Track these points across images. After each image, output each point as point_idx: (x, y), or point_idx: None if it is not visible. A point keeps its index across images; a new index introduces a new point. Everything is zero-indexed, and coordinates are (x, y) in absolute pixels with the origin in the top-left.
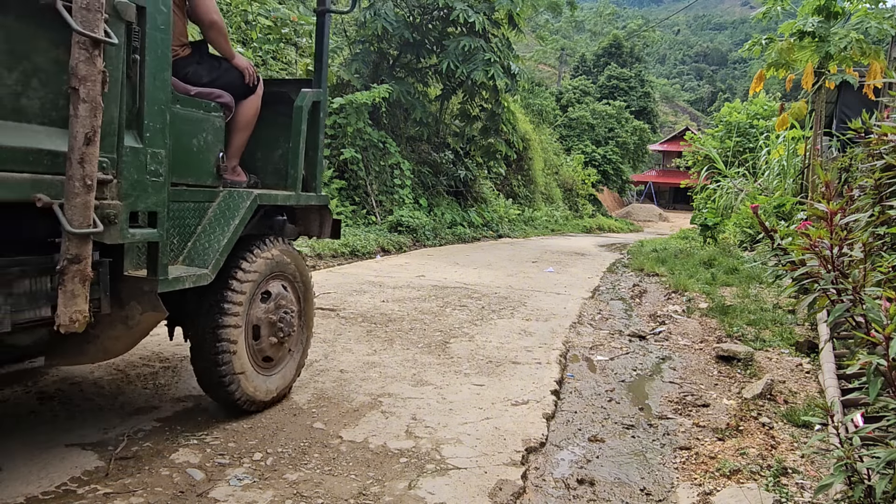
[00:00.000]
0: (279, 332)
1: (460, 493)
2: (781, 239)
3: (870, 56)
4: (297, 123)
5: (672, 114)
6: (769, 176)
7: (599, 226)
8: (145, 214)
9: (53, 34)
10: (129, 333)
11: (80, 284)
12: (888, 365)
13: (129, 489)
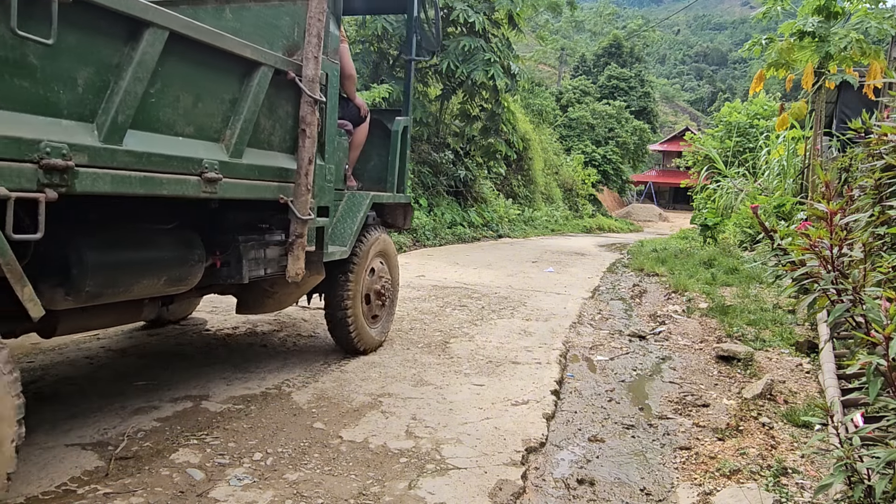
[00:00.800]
0: (381, 296)
1: (460, 493)
2: (781, 239)
3: (870, 56)
4: (393, 143)
5: (672, 114)
6: (769, 176)
7: (599, 226)
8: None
9: (289, 96)
10: (298, 290)
11: (300, 251)
12: (888, 365)
13: (129, 489)
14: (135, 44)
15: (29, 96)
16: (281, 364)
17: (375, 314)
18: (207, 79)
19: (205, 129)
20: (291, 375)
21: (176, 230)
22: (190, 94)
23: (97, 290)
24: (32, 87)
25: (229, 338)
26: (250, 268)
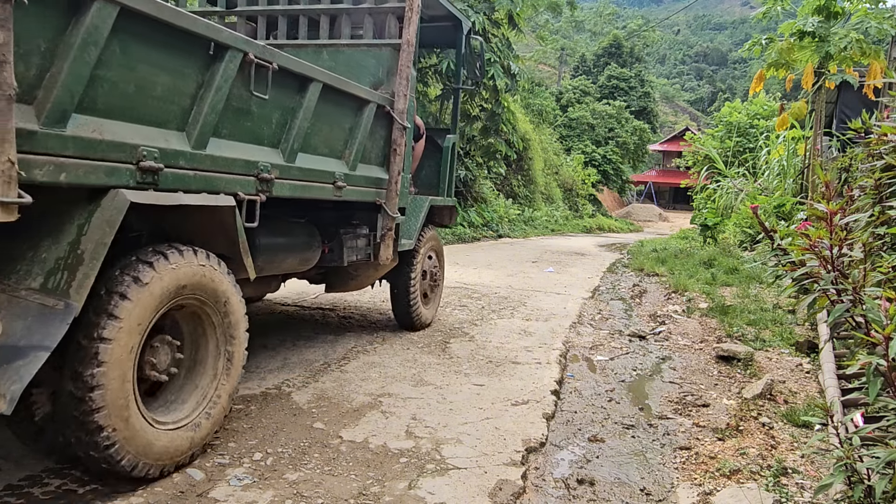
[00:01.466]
0: (433, 281)
1: (460, 493)
2: (781, 239)
3: (870, 56)
4: (444, 156)
5: (672, 114)
6: (769, 176)
7: (599, 226)
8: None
9: (384, 124)
10: (375, 273)
11: (390, 241)
12: (888, 365)
13: (129, 489)
14: (303, 93)
15: (251, 133)
16: (281, 364)
17: (428, 296)
18: (338, 113)
19: (335, 149)
20: (291, 375)
21: (304, 224)
22: (329, 124)
23: (263, 264)
24: (253, 126)
25: None
26: (348, 254)
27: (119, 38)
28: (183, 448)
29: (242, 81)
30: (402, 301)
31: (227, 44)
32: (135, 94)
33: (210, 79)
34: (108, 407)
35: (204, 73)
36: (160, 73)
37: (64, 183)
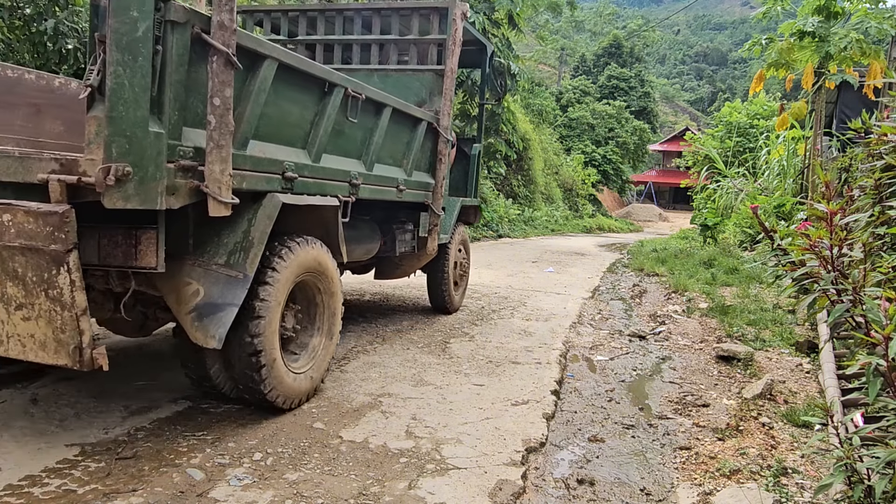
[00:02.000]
0: (462, 271)
1: (460, 493)
2: (781, 239)
3: (870, 56)
4: (472, 163)
5: (672, 114)
6: (769, 176)
7: (599, 226)
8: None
9: (431, 137)
10: (417, 263)
11: (436, 235)
12: (888, 365)
13: (129, 489)
14: (379, 116)
15: (345, 148)
16: None
17: (458, 283)
18: (401, 130)
19: (397, 159)
20: None
21: (369, 221)
22: (394, 139)
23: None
24: (346, 143)
25: None
26: (399, 247)
27: (274, 85)
28: (304, 389)
29: (342, 109)
30: (436, 288)
31: (335, 82)
32: (280, 123)
33: (323, 108)
34: (265, 350)
35: (319, 105)
36: (294, 107)
37: (244, 189)
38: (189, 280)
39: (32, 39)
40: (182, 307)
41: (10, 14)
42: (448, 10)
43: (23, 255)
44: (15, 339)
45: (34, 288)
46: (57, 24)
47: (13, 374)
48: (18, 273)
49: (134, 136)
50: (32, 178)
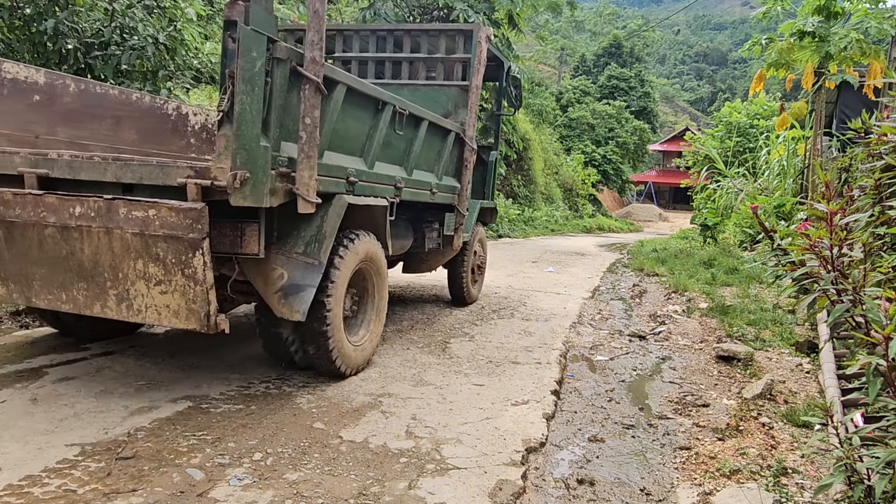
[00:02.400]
0: (480, 267)
1: (460, 493)
2: (781, 239)
3: (870, 56)
4: (489, 168)
5: (672, 114)
6: (769, 176)
7: (599, 226)
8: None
9: (458, 146)
10: (441, 259)
11: (460, 233)
12: (888, 365)
13: (129, 489)
14: (418, 128)
15: (391, 156)
16: (281, 363)
17: (476, 279)
18: (434, 140)
19: (430, 166)
20: (292, 375)
21: (403, 220)
22: (428, 148)
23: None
24: (393, 152)
25: (229, 338)
26: (427, 243)
27: (343, 105)
28: (360, 361)
29: (391, 123)
30: (457, 282)
31: (387, 101)
32: (345, 136)
33: (376, 123)
34: (333, 325)
35: (374, 120)
36: (355, 122)
37: (320, 191)
38: (275, 266)
39: (32, 39)
40: (269, 288)
41: (10, 14)
42: (473, 33)
43: (165, 241)
44: (152, 309)
45: (172, 268)
46: (57, 24)
47: (13, 374)
48: (160, 256)
49: (251, 149)
50: (172, 181)
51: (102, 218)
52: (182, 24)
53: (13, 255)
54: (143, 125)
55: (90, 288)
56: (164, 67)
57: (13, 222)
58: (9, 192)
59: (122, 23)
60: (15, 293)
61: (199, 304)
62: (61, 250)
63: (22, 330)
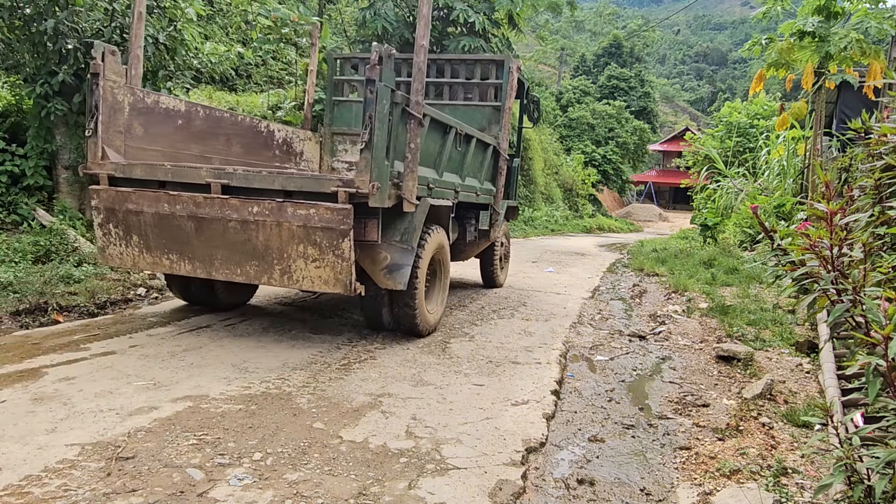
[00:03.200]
0: (506, 254)
1: (460, 493)
2: (781, 239)
3: (870, 56)
4: (513, 173)
5: (672, 114)
6: (769, 176)
7: (599, 226)
8: None
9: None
10: (475, 250)
11: (497, 227)
12: (887, 365)
13: (129, 489)
14: (469, 144)
15: (452, 167)
16: (281, 364)
17: (503, 266)
18: (478, 152)
19: (475, 173)
20: (291, 375)
21: (453, 217)
22: (474, 159)
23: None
24: (452, 163)
25: (229, 338)
26: (468, 236)
27: (428, 131)
28: (431, 323)
29: (453, 142)
30: (488, 269)
31: (453, 125)
32: (427, 153)
33: (444, 142)
34: (419, 295)
35: (443, 140)
36: (433, 142)
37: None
38: (381, 251)
39: (32, 39)
40: (377, 267)
41: (10, 14)
42: (505, 63)
43: (322, 231)
44: (308, 279)
45: (326, 250)
46: (57, 24)
47: (13, 374)
48: (317, 241)
49: (381, 167)
50: (325, 189)
51: (275, 214)
52: (182, 24)
53: (200, 242)
54: (245, 141)
55: (260, 265)
56: (164, 67)
57: (203, 218)
58: (200, 196)
59: (122, 23)
60: (199, 269)
61: (345, 275)
62: (239, 238)
63: (22, 330)
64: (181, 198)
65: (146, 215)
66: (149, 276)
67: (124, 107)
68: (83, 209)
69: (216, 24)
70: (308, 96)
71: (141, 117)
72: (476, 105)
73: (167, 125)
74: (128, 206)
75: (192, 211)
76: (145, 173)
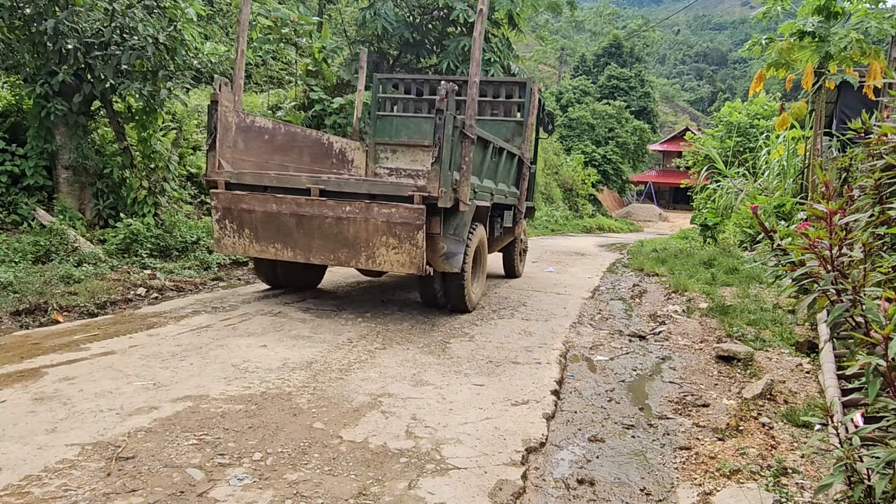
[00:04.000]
0: (524, 248)
1: (460, 493)
2: (781, 239)
3: (870, 56)
4: (530, 177)
5: (672, 114)
6: (769, 176)
7: (599, 226)
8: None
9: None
10: (500, 244)
11: (521, 223)
12: (887, 365)
13: (129, 489)
14: (501, 155)
15: (489, 174)
16: (281, 363)
17: (521, 259)
18: (507, 162)
19: (505, 178)
20: (291, 375)
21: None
22: (504, 167)
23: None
24: (489, 172)
25: (229, 338)
26: (495, 232)
27: (476, 147)
28: (475, 302)
29: (491, 154)
30: (509, 261)
31: (491, 141)
32: (474, 164)
33: (485, 154)
34: (467, 279)
35: (484, 153)
36: (477, 155)
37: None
38: (440, 241)
39: (32, 39)
40: (436, 254)
41: (10, 14)
42: (527, 84)
43: (401, 226)
44: (388, 262)
45: (403, 239)
46: (57, 24)
47: (13, 374)
48: (396, 233)
49: (446, 176)
50: (403, 193)
51: (363, 212)
52: (182, 24)
53: (300, 234)
54: (312, 151)
55: (350, 251)
56: (164, 67)
57: (303, 215)
58: (302, 198)
59: (122, 23)
60: (299, 255)
61: (418, 259)
62: (333, 231)
63: (22, 330)
64: (285, 199)
65: (256, 213)
66: (149, 276)
67: (232, 126)
68: (83, 209)
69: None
70: (356, 112)
71: (242, 134)
72: (502, 120)
73: (258, 140)
74: (241, 205)
75: (294, 210)
76: (254, 180)
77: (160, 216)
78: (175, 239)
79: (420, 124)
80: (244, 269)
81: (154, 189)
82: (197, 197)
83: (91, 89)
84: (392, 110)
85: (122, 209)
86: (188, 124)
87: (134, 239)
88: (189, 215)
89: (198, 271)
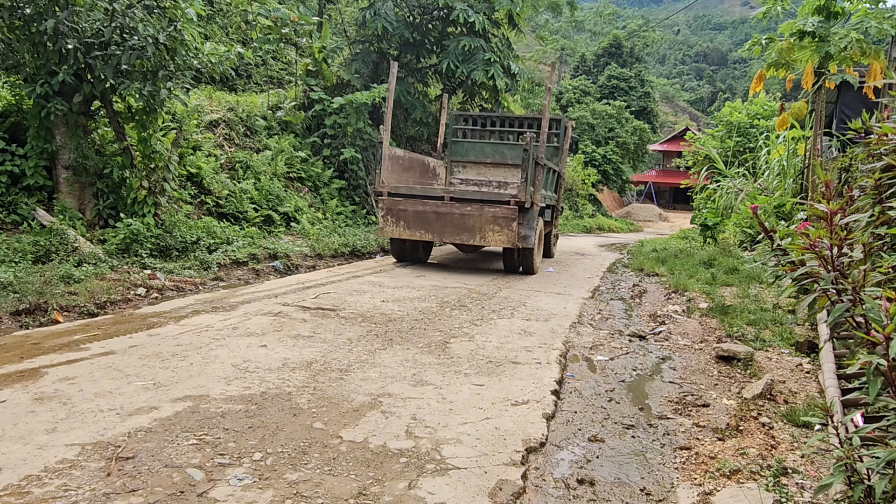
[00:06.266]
0: (552, 241)
1: (460, 493)
2: (781, 239)
3: (870, 56)
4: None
5: (672, 114)
6: (769, 176)
7: (599, 226)
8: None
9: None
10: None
11: (558, 218)
12: (888, 365)
13: (129, 489)
14: (551, 172)
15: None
16: (281, 363)
17: (554, 244)
18: (551, 175)
19: (548, 187)
20: (291, 375)
21: None
22: (549, 179)
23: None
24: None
25: (229, 338)
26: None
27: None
28: (538, 268)
29: (546, 173)
30: (547, 244)
31: (549, 166)
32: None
33: (543, 173)
34: (536, 250)
35: (546, 174)
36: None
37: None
38: (521, 228)
39: (32, 39)
40: (518, 236)
41: (10, 14)
42: (561, 121)
43: (502, 219)
44: (493, 241)
45: (504, 226)
46: (57, 24)
47: (13, 374)
48: (499, 223)
49: (528, 188)
50: (503, 199)
51: (478, 211)
52: (182, 24)
53: (438, 224)
54: (420, 169)
55: (470, 234)
56: (164, 67)
57: (439, 212)
58: (439, 202)
59: (122, 23)
60: (436, 237)
61: (514, 238)
62: (458, 222)
63: (22, 330)
64: (428, 202)
65: (409, 211)
66: (149, 276)
67: (387, 156)
68: (83, 209)
69: (216, 24)
70: (440, 138)
71: (388, 161)
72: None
73: (395, 163)
74: (399, 207)
75: (434, 209)
76: (407, 190)
77: (160, 216)
78: (175, 239)
79: (483, 147)
80: (244, 270)
81: (154, 189)
82: (197, 197)
83: (91, 89)
84: (462, 137)
85: (122, 209)
86: (188, 124)
87: (134, 239)
88: (189, 215)
89: (198, 271)
